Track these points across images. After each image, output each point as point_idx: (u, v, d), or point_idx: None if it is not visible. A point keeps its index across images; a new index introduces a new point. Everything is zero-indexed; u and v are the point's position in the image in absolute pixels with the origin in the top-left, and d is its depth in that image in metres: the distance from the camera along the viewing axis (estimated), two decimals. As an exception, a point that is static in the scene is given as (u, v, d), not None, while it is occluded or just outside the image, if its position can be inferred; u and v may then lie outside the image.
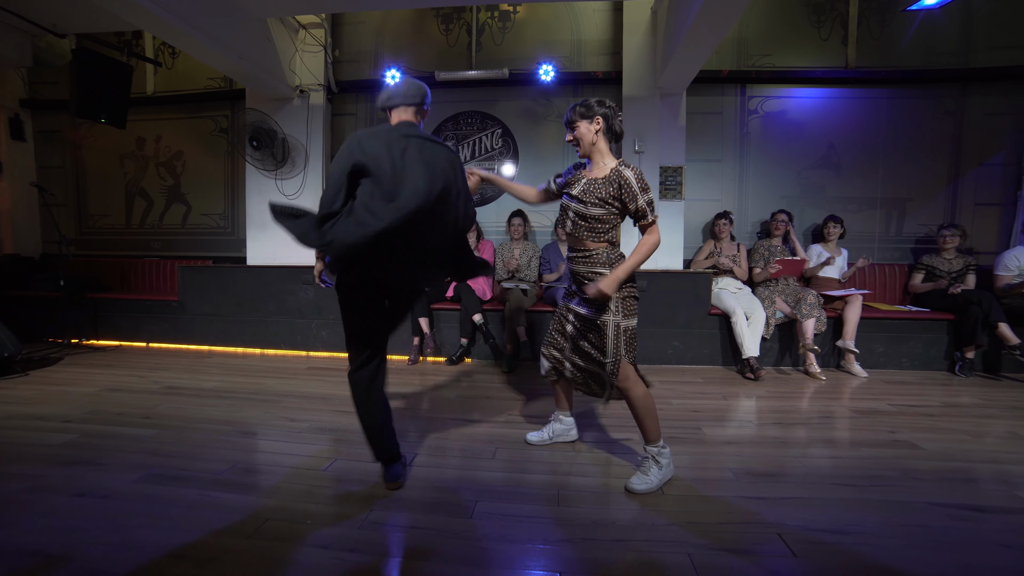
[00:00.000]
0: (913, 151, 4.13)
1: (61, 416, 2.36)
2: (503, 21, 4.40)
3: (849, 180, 4.19)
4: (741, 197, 4.29)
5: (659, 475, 1.68)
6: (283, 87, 4.13)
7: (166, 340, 4.16)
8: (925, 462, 1.92)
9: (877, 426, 2.34)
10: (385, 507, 1.54)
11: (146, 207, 4.99)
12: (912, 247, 4.17)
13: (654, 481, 1.67)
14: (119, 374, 3.20)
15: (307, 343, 3.95)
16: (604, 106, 1.70)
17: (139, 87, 4.69)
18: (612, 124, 1.71)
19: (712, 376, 3.30)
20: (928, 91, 4.09)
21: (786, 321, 3.48)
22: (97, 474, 1.75)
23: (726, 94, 4.25)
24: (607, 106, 1.71)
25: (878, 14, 4.09)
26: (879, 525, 1.46)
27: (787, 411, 2.58)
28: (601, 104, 1.70)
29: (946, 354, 3.46)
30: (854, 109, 4.16)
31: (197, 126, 4.82)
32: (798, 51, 4.17)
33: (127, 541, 1.34)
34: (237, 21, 3.49)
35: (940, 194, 4.13)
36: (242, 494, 1.62)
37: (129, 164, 4.98)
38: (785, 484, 1.73)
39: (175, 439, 2.09)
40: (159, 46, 4.78)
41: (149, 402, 2.60)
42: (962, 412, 2.58)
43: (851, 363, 3.34)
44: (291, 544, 1.34)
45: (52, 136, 5.07)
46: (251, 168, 4.30)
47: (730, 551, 1.33)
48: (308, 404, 2.60)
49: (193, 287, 4.08)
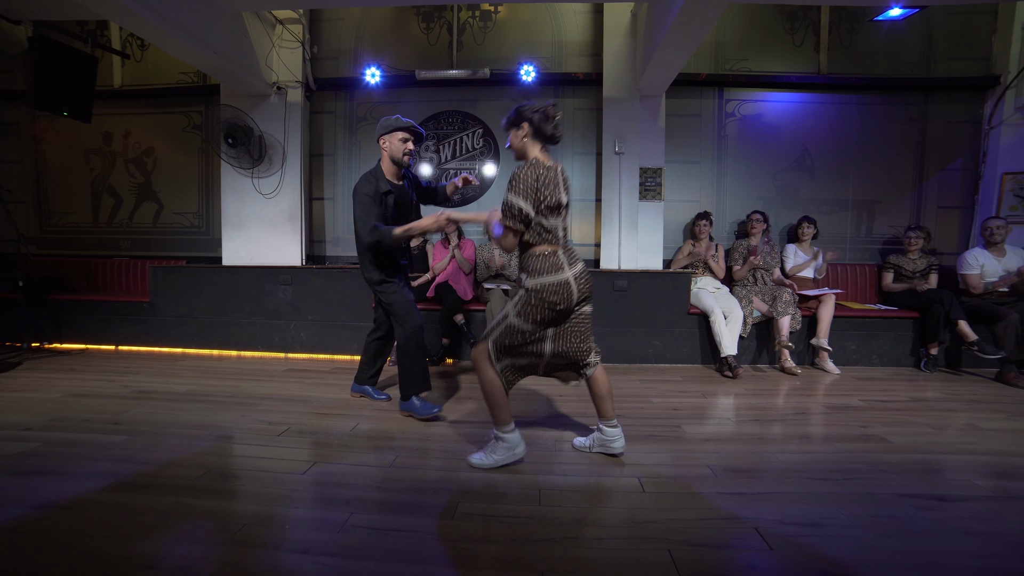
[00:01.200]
0: (882, 155, 4.29)
1: (20, 424, 2.24)
2: (484, 21, 4.39)
3: (822, 182, 4.33)
4: (719, 198, 4.38)
5: (498, 457, 1.81)
6: (259, 83, 4.03)
7: (136, 343, 4.02)
8: (893, 455, 2.00)
9: (849, 421, 2.42)
10: (366, 510, 1.52)
11: (114, 205, 4.80)
12: (880, 248, 4.33)
13: (489, 461, 1.81)
14: (85, 378, 3.07)
15: (285, 344, 3.86)
16: (533, 111, 1.73)
17: (105, 80, 4.51)
18: (542, 128, 1.72)
19: (691, 375, 3.36)
20: (894, 98, 4.25)
21: (763, 320, 3.56)
22: (59, 484, 1.67)
23: (704, 97, 4.34)
24: (537, 111, 1.73)
25: (848, 23, 4.24)
26: (851, 517, 1.50)
27: (764, 408, 2.64)
28: (532, 110, 1.73)
29: (912, 350, 3.60)
30: (827, 114, 4.30)
31: (169, 122, 4.67)
32: (773, 56, 4.29)
33: (90, 553, 1.28)
34: (210, 14, 3.39)
35: (906, 197, 4.30)
36: (217, 500, 1.57)
37: (95, 160, 4.78)
38: (762, 479, 1.77)
39: (146, 445, 2.01)
40: (127, 37, 4.60)
41: (118, 407, 2.50)
42: (927, 406, 2.69)
43: (824, 360, 3.45)
44: (269, 550, 1.30)
45: (8, 128, 4.82)
46: (226, 166, 4.18)
47: (709, 546, 1.35)
48: (286, 407, 2.54)
49: (166, 288, 3.95)
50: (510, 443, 1.81)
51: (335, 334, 3.81)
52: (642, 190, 4.10)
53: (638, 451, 2.00)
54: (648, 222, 4.10)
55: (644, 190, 4.10)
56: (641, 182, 4.09)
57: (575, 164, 4.40)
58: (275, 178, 4.24)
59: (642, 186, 4.09)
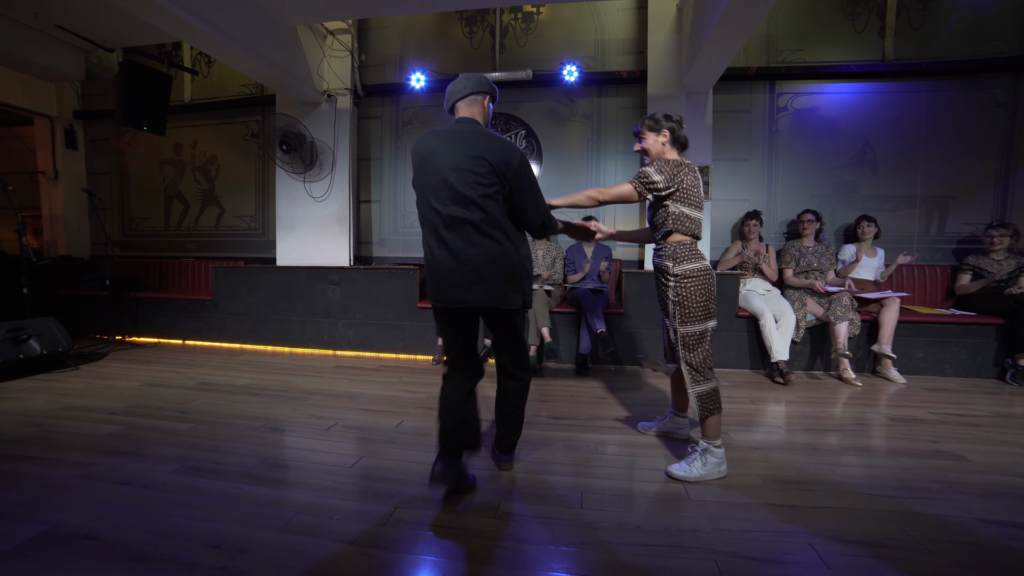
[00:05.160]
0: (957, 146, 3.92)
1: (107, 408, 2.49)
2: (526, 22, 4.41)
3: (886, 178, 4.01)
4: (770, 197, 4.16)
5: (706, 470, 1.78)
6: (311, 92, 4.24)
7: (200, 338, 4.34)
8: (972, 475, 1.82)
9: (917, 435, 2.23)
10: (410, 505, 1.57)
11: (183, 210, 5.21)
12: (955, 248, 3.96)
13: (694, 473, 1.77)
14: (158, 370, 3.35)
15: (334, 342, 4.04)
16: (671, 120, 1.88)
17: (177, 95, 4.91)
18: (678, 136, 1.88)
19: (739, 380, 3.21)
20: (976, 82, 3.87)
21: (817, 324, 3.36)
22: (139, 464, 1.84)
23: (754, 91, 4.14)
24: (674, 120, 1.88)
25: (919, 3, 3.91)
26: (921, 540, 1.39)
27: (818, 417, 2.49)
28: (668, 119, 1.88)
29: (995, 361, 3.27)
30: (891, 104, 3.98)
31: (230, 131, 5.01)
32: (831, 45, 4.02)
33: (166, 529, 1.41)
34: (269, 30, 3.62)
35: (988, 191, 3.91)
36: (272, 488, 1.68)
37: (167, 169, 5.22)
38: (817, 493, 1.67)
39: (209, 434, 2.17)
40: (196, 56, 4.99)
41: (185, 397, 2.72)
42: (1014, 423, 2.43)
43: (888, 368, 3.20)
44: (318, 538, 1.37)
45: (100, 144, 5.36)
46: (280, 171, 4.44)
47: (759, 560, 1.29)
48: (335, 402, 2.66)
49: (226, 287, 4.24)
50: (719, 457, 1.79)
51: (381, 333, 3.95)
52: (687, 189, 3.96)
53: (683, 457, 1.94)
54: (693, 222, 3.96)
55: (689, 189, 3.96)
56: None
57: (619, 163, 4.32)
58: (325, 182, 4.45)
59: (687, 185, 3.95)
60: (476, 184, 1.50)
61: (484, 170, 1.51)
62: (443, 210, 1.53)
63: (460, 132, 1.57)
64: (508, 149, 1.54)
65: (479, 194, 1.51)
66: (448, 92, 1.69)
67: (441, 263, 1.56)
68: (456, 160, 1.52)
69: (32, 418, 2.33)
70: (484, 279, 1.54)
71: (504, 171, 1.52)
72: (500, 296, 1.57)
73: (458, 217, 1.51)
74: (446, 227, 1.53)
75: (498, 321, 1.65)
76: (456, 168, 1.51)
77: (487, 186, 1.51)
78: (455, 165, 1.51)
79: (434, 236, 1.57)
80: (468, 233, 1.52)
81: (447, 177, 1.52)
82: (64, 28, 3.82)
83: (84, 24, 3.85)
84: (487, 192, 1.51)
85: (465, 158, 1.51)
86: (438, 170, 1.53)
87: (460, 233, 1.52)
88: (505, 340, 1.70)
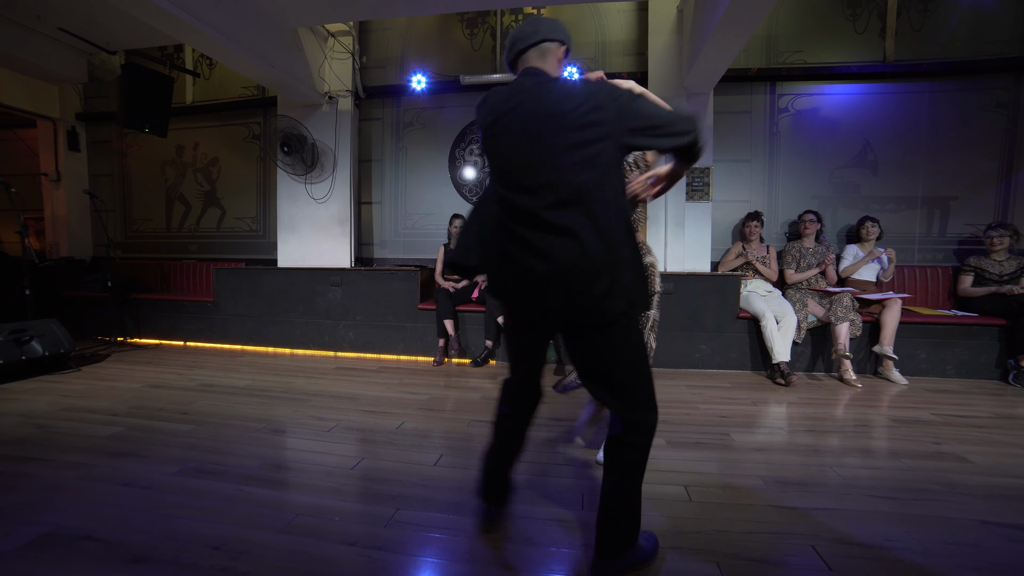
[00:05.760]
0: (958, 147, 3.91)
1: (109, 410, 2.49)
2: (527, 24, 4.41)
3: (887, 178, 4.01)
4: (771, 198, 4.16)
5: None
6: (313, 94, 4.25)
7: (202, 339, 4.34)
8: (975, 476, 1.82)
9: (919, 436, 2.23)
10: (411, 507, 1.57)
11: (184, 211, 5.22)
12: (956, 248, 3.95)
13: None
14: (159, 371, 3.36)
15: (335, 343, 4.04)
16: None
17: (179, 97, 4.92)
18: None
19: (741, 381, 3.21)
20: (977, 83, 3.87)
21: (819, 325, 3.35)
22: (140, 466, 1.84)
23: (755, 92, 4.14)
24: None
25: (920, 3, 3.91)
26: (924, 542, 1.38)
27: (820, 418, 2.48)
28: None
29: (997, 362, 3.26)
30: (892, 105, 3.98)
31: (231, 133, 5.02)
32: (831, 46, 4.02)
33: (168, 530, 1.41)
34: (270, 32, 3.63)
35: (989, 192, 3.90)
36: (273, 490, 1.68)
37: (169, 171, 5.23)
38: (818, 494, 1.67)
39: (210, 435, 2.17)
40: (198, 58, 5.01)
41: (186, 398, 2.72)
42: (1017, 424, 2.42)
43: (889, 369, 3.19)
44: (319, 540, 1.37)
45: (102, 146, 5.38)
46: (282, 173, 4.45)
47: (761, 561, 1.29)
48: (336, 403, 2.66)
49: (227, 288, 4.25)
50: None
51: (382, 334, 3.95)
52: (689, 190, 3.97)
53: (684, 458, 1.94)
54: (695, 223, 3.96)
55: (691, 190, 3.97)
56: (688, 182, 3.96)
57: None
58: (326, 183, 4.46)
59: (689, 186, 3.96)
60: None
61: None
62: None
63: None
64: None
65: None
66: (514, 38, 1.26)
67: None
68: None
69: (34, 419, 2.33)
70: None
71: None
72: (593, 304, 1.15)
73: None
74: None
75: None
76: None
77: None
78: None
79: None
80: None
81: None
82: (66, 31, 3.84)
83: (86, 27, 3.87)
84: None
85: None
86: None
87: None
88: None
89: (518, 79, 1.21)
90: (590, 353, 1.16)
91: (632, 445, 1.15)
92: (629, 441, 1.14)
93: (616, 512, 1.17)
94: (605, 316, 1.09)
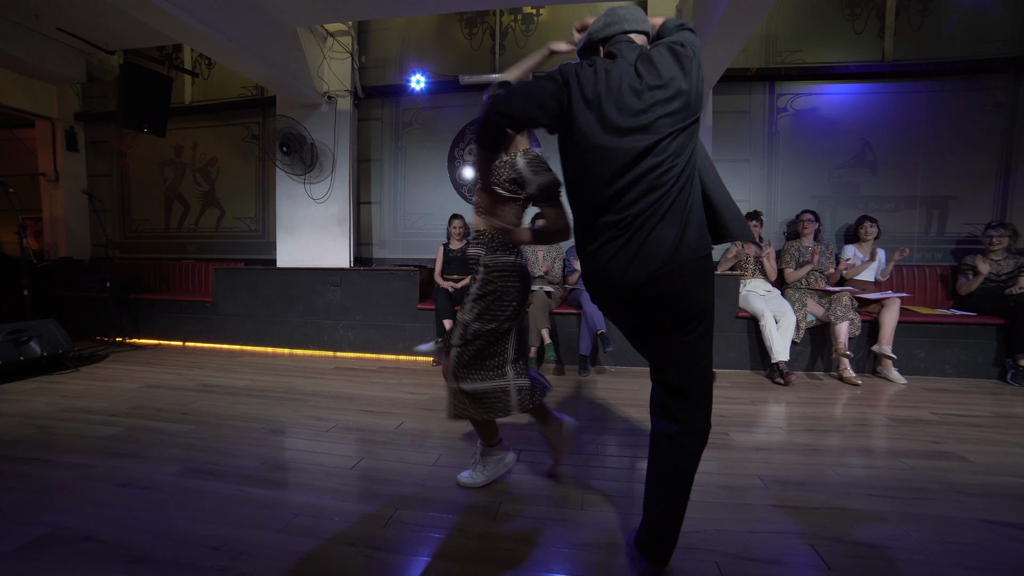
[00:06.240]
0: (957, 147, 3.92)
1: (108, 410, 2.49)
2: (526, 24, 4.41)
3: (885, 178, 4.02)
4: (770, 197, 4.16)
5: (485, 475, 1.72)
6: (312, 94, 4.25)
7: (201, 339, 4.34)
8: (974, 475, 1.82)
9: (918, 435, 2.23)
10: (410, 507, 1.57)
11: (183, 211, 5.22)
12: (954, 248, 3.96)
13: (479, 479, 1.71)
14: (158, 371, 3.35)
15: (334, 343, 4.04)
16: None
17: (178, 97, 4.91)
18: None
19: (740, 381, 3.21)
20: (975, 83, 3.88)
21: (818, 324, 3.35)
22: (139, 466, 1.84)
23: (754, 92, 4.15)
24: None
25: (919, 3, 3.92)
26: (923, 541, 1.39)
27: (819, 418, 2.49)
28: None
29: (996, 361, 3.27)
30: (891, 104, 3.99)
31: (230, 133, 5.02)
32: (830, 46, 4.03)
33: (167, 531, 1.41)
34: (269, 32, 3.62)
35: (988, 191, 3.91)
36: (272, 490, 1.68)
37: (168, 171, 5.22)
38: (818, 493, 1.67)
39: (209, 435, 2.17)
40: (196, 58, 5.00)
41: (185, 399, 2.71)
42: (1015, 423, 2.43)
43: (888, 369, 3.20)
44: (319, 540, 1.37)
45: (101, 146, 5.37)
46: (281, 173, 4.44)
47: (760, 561, 1.29)
48: (335, 404, 2.66)
49: (226, 288, 4.24)
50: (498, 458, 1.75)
51: (381, 334, 3.95)
52: (687, 190, 3.96)
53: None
54: (693, 222, 3.96)
55: (689, 189, 3.96)
56: (686, 181, 3.95)
57: (616, 164, 4.32)
58: (325, 183, 4.46)
59: (687, 185, 3.96)
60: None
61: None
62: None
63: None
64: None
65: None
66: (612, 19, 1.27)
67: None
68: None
69: (33, 420, 2.33)
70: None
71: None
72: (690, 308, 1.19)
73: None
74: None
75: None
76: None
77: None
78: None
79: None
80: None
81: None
82: (65, 31, 3.84)
83: (85, 27, 3.86)
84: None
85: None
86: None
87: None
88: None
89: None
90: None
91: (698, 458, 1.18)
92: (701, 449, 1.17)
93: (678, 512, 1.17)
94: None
